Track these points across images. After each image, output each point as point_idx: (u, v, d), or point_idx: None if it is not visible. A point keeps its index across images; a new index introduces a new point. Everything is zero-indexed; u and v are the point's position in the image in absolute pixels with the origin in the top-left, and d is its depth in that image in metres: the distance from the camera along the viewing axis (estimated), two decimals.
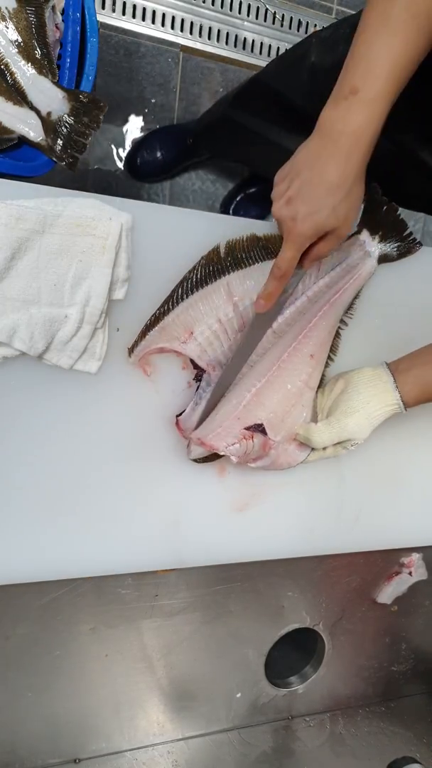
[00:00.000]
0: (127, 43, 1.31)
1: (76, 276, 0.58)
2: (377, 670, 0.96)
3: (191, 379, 0.67)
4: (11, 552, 0.62)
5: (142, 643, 0.75)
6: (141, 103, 1.34)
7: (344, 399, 0.65)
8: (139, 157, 1.32)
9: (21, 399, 0.60)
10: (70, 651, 0.71)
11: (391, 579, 0.89)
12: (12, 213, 0.54)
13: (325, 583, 0.84)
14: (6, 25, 0.60)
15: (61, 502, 0.63)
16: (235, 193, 1.43)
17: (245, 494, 0.72)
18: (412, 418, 0.79)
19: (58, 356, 0.59)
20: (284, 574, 0.80)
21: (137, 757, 0.80)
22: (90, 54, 0.68)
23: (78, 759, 0.77)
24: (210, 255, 0.64)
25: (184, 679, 0.80)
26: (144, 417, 0.65)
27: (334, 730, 0.93)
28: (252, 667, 0.84)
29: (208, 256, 0.64)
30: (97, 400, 0.63)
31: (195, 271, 0.64)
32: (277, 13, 1.42)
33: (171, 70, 1.35)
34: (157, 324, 0.63)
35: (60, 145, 0.63)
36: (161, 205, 1.26)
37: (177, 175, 1.39)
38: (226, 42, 1.40)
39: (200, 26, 1.37)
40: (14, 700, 0.70)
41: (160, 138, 1.32)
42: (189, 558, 0.71)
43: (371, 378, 0.65)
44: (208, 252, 0.64)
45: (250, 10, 1.40)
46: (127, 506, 0.66)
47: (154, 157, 1.31)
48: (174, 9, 1.34)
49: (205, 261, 0.64)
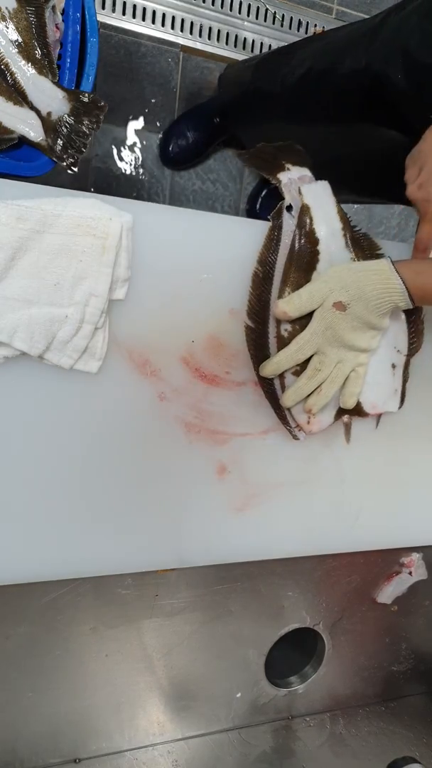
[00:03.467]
0: (127, 43, 1.31)
1: (76, 276, 0.58)
2: (377, 670, 0.96)
3: (191, 378, 0.67)
4: (11, 552, 0.62)
5: (142, 643, 0.75)
6: (141, 103, 1.34)
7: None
8: (171, 145, 1.33)
9: (21, 399, 0.60)
10: (71, 651, 0.71)
11: (391, 579, 0.89)
12: (12, 213, 0.55)
13: (325, 583, 0.84)
14: (6, 25, 0.60)
15: (61, 502, 0.63)
16: (259, 190, 1.44)
17: (245, 494, 0.71)
18: (413, 417, 0.79)
19: (58, 356, 0.59)
20: (284, 574, 0.80)
21: (137, 757, 0.80)
22: (90, 54, 0.68)
23: (78, 759, 0.77)
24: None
25: (184, 679, 0.80)
26: (144, 417, 0.65)
27: (334, 730, 0.93)
28: (252, 667, 0.84)
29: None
30: (98, 400, 0.63)
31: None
32: (277, 13, 1.42)
33: (171, 70, 1.35)
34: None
35: (60, 145, 0.63)
36: (161, 205, 1.26)
37: (209, 156, 1.41)
38: (226, 42, 1.40)
39: (200, 26, 1.37)
40: (14, 700, 0.70)
41: (187, 123, 1.33)
42: (189, 558, 0.71)
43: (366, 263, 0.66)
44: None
45: (250, 10, 1.40)
46: (127, 506, 0.66)
47: (186, 142, 1.33)
48: (174, 9, 1.34)
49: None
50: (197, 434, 0.67)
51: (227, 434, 0.68)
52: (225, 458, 0.70)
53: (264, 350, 0.68)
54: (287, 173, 0.71)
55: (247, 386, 0.70)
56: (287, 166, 0.71)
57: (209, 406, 0.67)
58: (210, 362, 0.67)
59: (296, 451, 0.73)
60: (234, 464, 0.70)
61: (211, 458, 0.69)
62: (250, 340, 0.68)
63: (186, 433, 0.67)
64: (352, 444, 0.76)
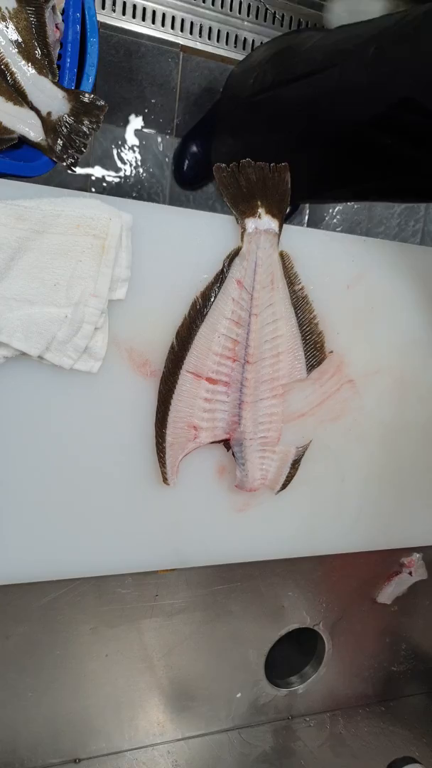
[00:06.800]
0: (127, 43, 1.31)
1: (76, 276, 0.58)
2: (377, 670, 0.96)
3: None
4: (11, 552, 0.62)
5: (143, 643, 0.75)
6: (141, 103, 1.33)
7: None
8: (185, 165, 1.32)
9: (21, 399, 0.60)
10: (71, 651, 0.71)
11: (391, 579, 0.89)
12: (12, 213, 0.54)
13: (325, 583, 0.84)
14: (6, 25, 0.60)
15: (62, 502, 0.63)
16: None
17: (245, 494, 0.71)
18: (413, 417, 0.79)
19: (58, 356, 0.59)
20: (284, 574, 0.80)
21: (137, 757, 0.80)
22: (90, 54, 0.68)
23: (78, 759, 0.77)
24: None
25: (184, 679, 0.80)
26: (144, 417, 0.65)
27: (334, 730, 0.93)
28: (252, 667, 0.84)
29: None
30: (98, 400, 0.63)
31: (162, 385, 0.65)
32: (277, 13, 1.42)
33: (171, 70, 1.35)
34: (164, 444, 0.65)
35: (60, 145, 0.63)
36: (161, 205, 1.26)
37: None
38: (226, 42, 1.40)
39: (200, 26, 1.37)
40: (15, 700, 0.70)
41: (195, 140, 1.32)
42: (189, 558, 0.71)
43: None
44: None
45: (250, 10, 1.40)
46: (127, 506, 0.66)
47: (197, 158, 1.31)
48: (174, 9, 1.34)
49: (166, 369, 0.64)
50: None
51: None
52: (225, 458, 0.70)
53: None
54: (256, 221, 0.64)
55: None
56: (259, 212, 0.64)
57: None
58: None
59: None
60: (234, 464, 0.70)
61: (212, 458, 0.69)
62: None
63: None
64: (352, 444, 0.76)
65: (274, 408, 0.69)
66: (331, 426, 0.74)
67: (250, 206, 0.64)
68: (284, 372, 0.68)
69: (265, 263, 0.65)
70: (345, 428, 0.75)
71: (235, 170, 0.63)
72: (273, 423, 0.69)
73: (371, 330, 0.74)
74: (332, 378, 0.73)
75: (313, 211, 1.50)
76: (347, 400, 0.75)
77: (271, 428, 0.69)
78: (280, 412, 0.69)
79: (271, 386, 0.68)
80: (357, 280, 0.72)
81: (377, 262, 0.73)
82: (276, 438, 0.70)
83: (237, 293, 0.65)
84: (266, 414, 0.68)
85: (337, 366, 0.73)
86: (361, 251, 0.72)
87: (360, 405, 0.75)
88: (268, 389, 0.68)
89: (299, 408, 0.72)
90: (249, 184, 0.64)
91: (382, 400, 0.77)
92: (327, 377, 0.72)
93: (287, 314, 0.67)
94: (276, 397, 0.69)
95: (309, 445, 0.72)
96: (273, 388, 0.68)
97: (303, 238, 0.68)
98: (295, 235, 0.67)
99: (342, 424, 0.75)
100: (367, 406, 0.76)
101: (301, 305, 0.68)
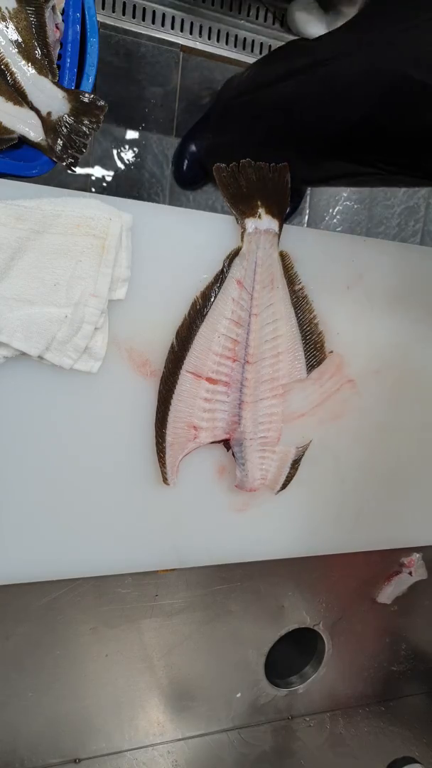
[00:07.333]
0: (127, 43, 1.31)
1: (76, 276, 0.58)
2: (377, 670, 0.96)
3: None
4: (11, 552, 0.62)
5: (142, 643, 0.75)
6: (141, 103, 1.33)
7: None
8: (184, 165, 1.32)
9: (21, 399, 0.60)
10: (71, 651, 0.71)
11: (391, 579, 0.89)
12: (12, 213, 0.55)
13: (325, 583, 0.84)
14: (6, 25, 0.60)
15: (61, 501, 0.63)
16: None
17: (245, 494, 0.72)
18: (412, 417, 0.79)
19: (58, 356, 0.59)
20: (284, 574, 0.81)
21: (137, 757, 0.80)
22: (90, 54, 0.68)
23: (78, 759, 0.77)
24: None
25: (184, 679, 0.80)
26: (144, 417, 0.65)
27: (334, 730, 0.93)
28: (252, 667, 0.84)
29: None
30: (98, 400, 0.63)
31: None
32: (277, 13, 1.42)
33: (171, 70, 1.35)
34: (164, 444, 0.65)
35: (60, 145, 0.63)
36: (161, 205, 1.26)
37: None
38: (226, 42, 1.40)
39: (200, 26, 1.37)
40: (15, 700, 0.70)
41: (195, 140, 1.32)
42: (189, 558, 0.71)
43: None
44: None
45: (250, 10, 1.40)
46: (127, 506, 0.66)
47: (197, 158, 1.31)
48: (174, 9, 1.34)
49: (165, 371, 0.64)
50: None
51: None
52: (225, 458, 0.70)
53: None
54: (256, 221, 0.64)
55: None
56: (259, 212, 0.64)
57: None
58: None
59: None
60: (234, 464, 0.70)
61: (211, 458, 0.69)
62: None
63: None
64: (352, 444, 0.76)
65: (274, 408, 0.69)
66: (331, 426, 0.74)
67: (250, 206, 0.64)
68: (284, 372, 0.68)
69: (265, 263, 0.65)
70: (345, 428, 0.75)
71: (235, 170, 0.63)
72: (273, 423, 0.69)
73: (371, 330, 0.74)
74: (332, 378, 0.73)
75: (313, 211, 1.50)
76: (347, 400, 0.75)
77: (271, 428, 0.69)
78: (280, 412, 0.69)
79: (271, 386, 0.68)
80: (357, 280, 0.72)
81: (377, 262, 0.73)
82: (276, 438, 0.70)
83: (237, 293, 0.65)
84: (266, 414, 0.68)
85: (337, 366, 0.73)
86: (361, 251, 0.72)
87: (360, 405, 0.75)
88: (268, 389, 0.68)
89: (299, 408, 0.72)
90: (249, 184, 0.64)
91: (381, 400, 0.77)
92: (327, 377, 0.72)
93: (287, 314, 0.67)
94: (276, 397, 0.69)
95: (309, 445, 0.72)
96: (273, 388, 0.68)
97: (303, 238, 0.68)
98: (295, 235, 0.67)
99: (342, 424, 0.75)
100: (367, 406, 0.76)
101: (301, 305, 0.68)
